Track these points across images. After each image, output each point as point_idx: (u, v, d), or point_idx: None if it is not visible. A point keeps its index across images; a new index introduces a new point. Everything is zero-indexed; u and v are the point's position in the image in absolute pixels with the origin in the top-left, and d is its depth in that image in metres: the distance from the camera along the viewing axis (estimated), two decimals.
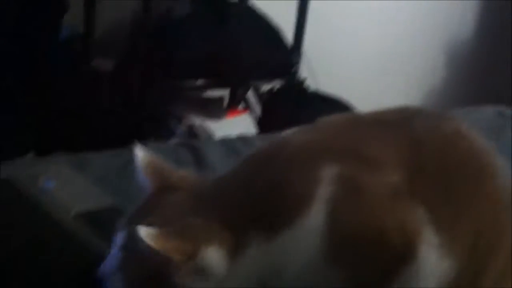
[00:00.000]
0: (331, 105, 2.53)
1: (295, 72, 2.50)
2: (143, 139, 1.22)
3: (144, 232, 0.55)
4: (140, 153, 0.67)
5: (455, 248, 0.60)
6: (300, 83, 2.58)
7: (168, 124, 2.23)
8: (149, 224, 0.57)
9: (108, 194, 0.90)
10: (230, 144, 1.23)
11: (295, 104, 2.51)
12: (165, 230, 0.56)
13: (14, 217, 0.80)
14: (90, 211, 0.84)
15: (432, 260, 0.60)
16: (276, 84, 2.44)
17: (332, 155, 0.61)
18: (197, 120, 2.27)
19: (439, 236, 0.60)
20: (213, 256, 0.57)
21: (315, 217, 0.58)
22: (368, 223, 0.58)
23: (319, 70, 2.71)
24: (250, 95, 2.67)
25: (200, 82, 2.21)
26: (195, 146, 1.19)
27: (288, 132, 0.70)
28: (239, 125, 2.28)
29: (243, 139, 1.27)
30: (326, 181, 0.58)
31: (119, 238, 0.62)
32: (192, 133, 2.19)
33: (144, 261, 0.57)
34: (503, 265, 0.63)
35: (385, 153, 0.62)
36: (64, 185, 0.90)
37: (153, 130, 2.11)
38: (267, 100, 2.64)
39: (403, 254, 0.59)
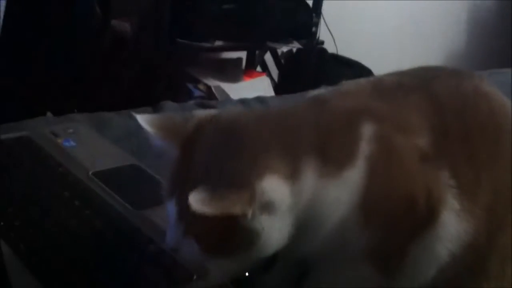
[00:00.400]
0: (349, 68, 2.51)
1: (314, 35, 2.47)
2: (161, 100, 1.23)
3: (195, 200, 0.52)
4: (145, 119, 0.62)
5: (474, 211, 0.61)
6: (319, 45, 2.56)
7: (185, 86, 2.23)
8: (194, 187, 0.53)
9: (127, 153, 0.91)
10: (247, 104, 1.23)
11: (314, 67, 2.49)
12: (215, 192, 0.53)
13: (35, 174, 0.81)
14: (110, 169, 0.85)
15: (453, 225, 0.60)
16: (295, 46, 2.42)
17: (368, 113, 0.61)
18: (214, 82, 2.26)
19: (460, 201, 0.60)
20: (272, 185, 0.55)
21: (356, 172, 0.58)
22: (400, 185, 0.59)
23: (338, 33, 2.68)
24: (268, 57, 2.65)
25: (218, 44, 2.19)
26: (212, 106, 1.19)
27: (314, 92, 0.70)
28: (256, 87, 2.27)
29: (260, 100, 1.27)
30: (366, 139, 0.58)
31: (170, 208, 0.59)
32: (210, 95, 2.18)
33: (209, 220, 0.54)
34: None
35: (413, 116, 0.62)
36: (83, 143, 0.91)
37: (170, 92, 2.11)
38: (285, 62, 2.63)
39: (427, 219, 0.60)
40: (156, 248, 0.68)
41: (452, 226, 0.60)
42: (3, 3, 1.37)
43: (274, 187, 0.55)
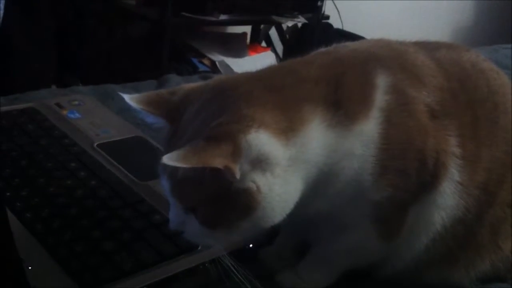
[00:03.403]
0: None
1: (320, 9, 2.45)
2: (165, 74, 1.23)
3: (168, 158, 0.49)
4: (132, 98, 0.60)
5: (469, 188, 0.61)
6: (324, 20, 2.54)
7: (190, 60, 2.23)
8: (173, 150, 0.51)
9: (131, 125, 0.91)
10: None
11: (319, 42, 2.48)
12: (189, 146, 0.50)
13: (41, 145, 0.82)
14: (114, 141, 0.85)
15: (449, 195, 0.60)
16: (300, 21, 2.40)
17: (383, 63, 0.59)
18: (219, 57, 2.25)
19: (461, 174, 0.60)
20: (261, 138, 0.51)
21: (372, 123, 0.56)
22: (415, 139, 0.58)
23: (344, 8, 2.66)
24: (273, 32, 2.64)
25: (222, 18, 2.18)
26: None
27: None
28: (261, 62, 2.26)
29: None
30: (382, 90, 0.57)
31: (164, 184, 0.56)
32: (214, 69, 2.18)
33: (201, 189, 0.52)
34: (509, 194, 0.64)
35: (423, 72, 0.61)
36: (88, 115, 0.91)
37: (175, 66, 2.11)
38: (290, 37, 2.61)
39: (430, 182, 0.59)
40: (161, 218, 0.69)
41: (449, 197, 0.60)
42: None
43: (263, 140, 0.52)
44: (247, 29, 2.55)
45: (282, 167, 0.53)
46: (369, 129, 0.56)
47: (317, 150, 0.54)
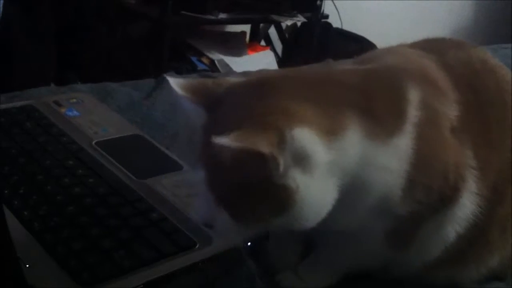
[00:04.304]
0: (354, 42, 2.50)
1: (319, 8, 2.45)
2: (164, 73, 1.22)
3: (217, 139, 0.48)
4: (177, 83, 0.58)
5: (483, 193, 0.61)
6: (323, 19, 2.54)
7: (189, 58, 2.23)
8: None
9: (130, 123, 0.91)
10: None
11: (318, 41, 2.48)
12: (238, 131, 0.49)
13: (39, 142, 0.81)
14: (113, 139, 0.85)
15: (468, 207, 0.60)
16: (299, 20, 2.40)
17: (412, 77, 0.59)
18: (218, 56, 2.25)
19: (477, 184, 0.60)
20: (305, 135, 0.51)
21: (406, 138, 0.56)
22: (441, 156, 0.58)
23: (343, 7, 2.66)
24: (272, 31, 2.64)
25: (221, 16, 2.18)
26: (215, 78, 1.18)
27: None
28: (260, 61, 2.26)
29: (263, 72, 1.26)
30: (414, 105, 0.57)
31: (198, 175, 0.55)
32: (213, 68, 2.18)
33: (239, 180, 0.51)
34: None
35: (445, 86, 0.62)
36: (87, 113, 0.91)
37: (174, 64, 2.11)
38: (289, 36, 2.61)
39: (449, 197, 0.59)
40: (159, 216, 0.69)
41: (467, 209, 0.60)
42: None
43: (307, 137, 0.51)
44: (246, 28, 2.55)
45: (321, 170, 0.52)
46: (404, 144, 0.55)
47: (354, 159, 0.54)
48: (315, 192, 0.52)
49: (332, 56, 1.48)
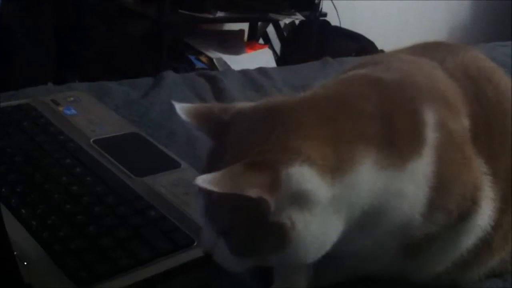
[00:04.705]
0: (352, 40, 2.50)
1: (317, 6, 2.45)
2: (162, 71, 1.22)
3: (203, 180, 0.46)
4: (183, 109, 0.57)
5: (496, 202, 0.60)
6: (322, 17, 2.54)
7: (187, 57, 2.22)
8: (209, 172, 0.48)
9: (128, 121, 0.91)
10: (249, 76, 1.22)
11: (316, 39, 2.48)
12: (226, 170, 0.48)
13: (36, 141, 0.81)
14: (111, 137, 0.85)
15: (487, 214, 0.59)
16: (297, 18, 2.40)
17: (426, 98, 0.57)
18: (216, 54, 2.25)
19: (494, 189, 0.59)
20: (304, 174, 0.49)
21: (425, 162, 0.54)
22: (460, 173, 0.56)
23: (341, 5, 2.66)
24: (270, 29, 2.64)
25: (219, 15, 2.18)
26: (214, 76, 1.18)
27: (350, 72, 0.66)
28: (258, 59, 2.26)
29: (262, 71, 1.26)
30: (431, 127, 0.55)
31: (200, 203, 0.54)
32: (212, 66, 2.18)
33: (233, 214, 0.50)
34: None
35: (456, 100, 0.60)
36: (84, 111, 0.91)
37: (172, 63, 2.11)
38: (287, 34, 2.61)
39: (467, 210, 0.58)
40: (157, 214, 0.69)
41: (486, 216, 0.59)
42: None
43: (306, 176, 0.49)
44: (245, 26, 2.54)
45: (323, 206, 0.50)
46: (422, 168, 0.54)
47: (365, 193, 0.51)
48: (314, 229, 0.50)
49: (330, 54, 1.48)
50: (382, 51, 2.40)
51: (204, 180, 0.46)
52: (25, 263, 0.60)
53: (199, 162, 0.67)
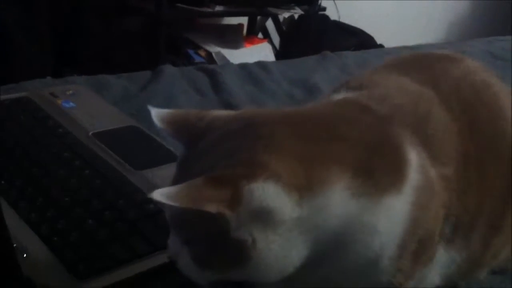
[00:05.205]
0: (351, 35, 2.50)
1: (316, 1, 2.45)
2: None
3: (160, 194, 0.45)
4: (158, 114, 0.56)
5: (470, 237, 0.59)
6: (321, 12, 2.53)
7: (186, 51, 2.22)
8: (172, 184, 0.48)
9: (126, 114, 0.91)
10: (248, 69, 1.22)
11: (315, 34, 2.48)
12: (186, 184, 0.46)
13: (35, 134, 0.81)
14: (109, 130, 0.85)
15: (443, 254, 0.58)
16: (296, 12, 2.40)
17: (412, 137, 0.55)
18: (215, 48, 2.25)
19: (456, 231, 0.58)
20: (269, 190, 0.46)
21: (403, 200, 0.51)
22: (430, 222, 0.54)
23: (341, 1, 2.66)
24: (270, 24, 2.63)
25: (218, 9, 2.18)
26: (212, 70, 1.18)
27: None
28: (257, 54, 2.25)
29: (261, 65, 1.26)
30: (414, 168, 0.52)
31: (166, 211, 0.53)
32: (210, 61, 2.18)
33: (196, 226, 0.49)
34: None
35: (442, 142, 0.58)
36: (83, 105, 0.91)
37: (171, 57, 2.10)
38: (286, 29, 2.61)
39: (428, 259, 0.57)
40: (156, 208, 0.69)
41: (443, 255, 0.58)
42: None
43: (270, 193, 0.46)
44: (244, 20, 2.54)
45: (287, 226, 0.47)
46: (399, 206, 0.51)
47: (334, 219, 0.49)
48: (276, 249, 0.48)
49: (329, 48, 1.48)
50: (381, 45, 2.40)
51: (162, 194, 0.45)
52: (24, 256, 0.60)
53: None
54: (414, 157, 0.53)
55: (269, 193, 0.46)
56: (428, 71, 0.65)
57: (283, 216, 0.47)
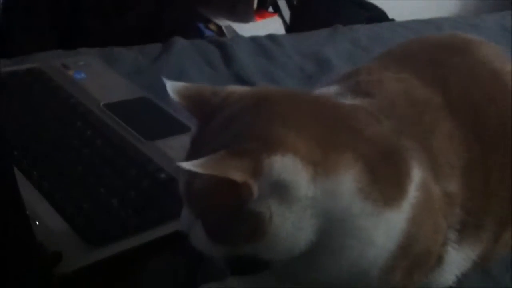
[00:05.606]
0: (363, 9, 2.47)
1: None
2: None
3: (188, 164, 0.45)
4: (173, 87, 0.55)
5: (479, 236, 0.60)
6: None
7: (196, 25, 2.21)
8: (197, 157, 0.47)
9: (137, 86, 0.91)
10: (259, 42, 1.22)
11: (327, 8, 2.45)
12: (211, 156, 0.47)
13: (47, 104, 0.82)
14: (121, 101, 0.85)
15: (454, 257, 0.59)
16: None
17: (415, 153, 0.54)
18: (225, 22, 2.23)
19: (462, 236, 0.59)
20: (286, 164, 0.47)
21: (400, 216, 0.51)
22: (427, 240, 0.54)
23: None
24: None
25: None
26: (223, 43, 1.18)
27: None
28: (268, 28, 2.24)
29: (272, 38, 1.26)
30: (415, 185, 0.52)
31: (181, 185, 0.53)
32: (221, 35, 2.16)
33: (213, 198, 0.49)
34: None
35: (446, 156, 0.58)
36: (94, 76, 0.91)
37: (181, 31, 2.09)
38: (297, 3, 2.58)
39: (433, 265, 0.58)
40: (167, 176, 0.69)
41: (454, 259, 0.59)
42: None
43: (288, 166, 0.47)
44: None
45: (301, 205, 0.48)
46: (396, 221, 0.51)
47: (339, 208, 0.49)
48: (289, 227, 0.49)
49: (341, 23, 1.46)
50: (393, 20, 2.38)
51: (188, 164, 0.45)
52: (37, 223, 0.61)
53: None
54: (417, 173, 0.53)
55: (287, 166, 0.47)
56: (436, 68, 0.64)
57: (299, 192, 0.48)
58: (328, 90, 0.60)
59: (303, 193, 0.48)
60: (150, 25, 2.04)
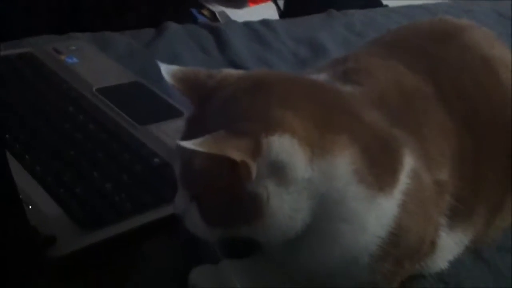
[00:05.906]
0: None
1: None
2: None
3: (187, 143, 0.45)
4: (168, 70, 0.55)
5: (472, 220, 0.61)
6: None
7: (190, 11, 2.20)
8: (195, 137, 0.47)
9: (130, 70, 0.91)
10: (252, 27, 1.21)
11: None
12: (210, 135, 0.47)
13: (39, 89, 0.81)
14: (113, 86, 0.85)
15: (446, 241, 0.60)
16: None
17: (408, 142, 0.54)
18: (218, 8, 2.22)
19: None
20: (283, 144, 0.47)
21: (392, 202, 0.51)
22: (418, 229, 0.54)
23: None
24: None
25: None
26: (217, 28, 1.17)
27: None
28: (261, 13, 2.23)
29: (265, 23, 1.25)
30: (406, 173, 0.52)
31: (176, 168, 0.53)
32: (214, 20, 2.15)
33: (210, 180, 0.49)
34: None
35: (439, 147, 0.58)
36: (86, 61, 0.91)
37: (174, 16, 2.08)
38: None
39: (426, 253, 0.58)
40: (161, 161, 0.69)
41: (447, 244, 0.60)
42: None
43: (286, 146, 0.47)
44: None
45: (298, 187, 0.48)
46: (388, 207, 0.51)
47: (334, 190, 0.49)
48: (286, 208, 0.49)
49: (335, 8, 1.46)
50: (386, 6, 2.37)
51: (189, 143, 0.45)
52: (30, 207, 0.61)
53: None
54: (408, 161, 0.53)
55: (285, 146, 0.47)
56: (425, 55, 0.64)
57: (296, 174, 0.48)
58: (318, 78, 0.60)
59: (300, 174, 0.48)
60: (150, 25, 2.03)
